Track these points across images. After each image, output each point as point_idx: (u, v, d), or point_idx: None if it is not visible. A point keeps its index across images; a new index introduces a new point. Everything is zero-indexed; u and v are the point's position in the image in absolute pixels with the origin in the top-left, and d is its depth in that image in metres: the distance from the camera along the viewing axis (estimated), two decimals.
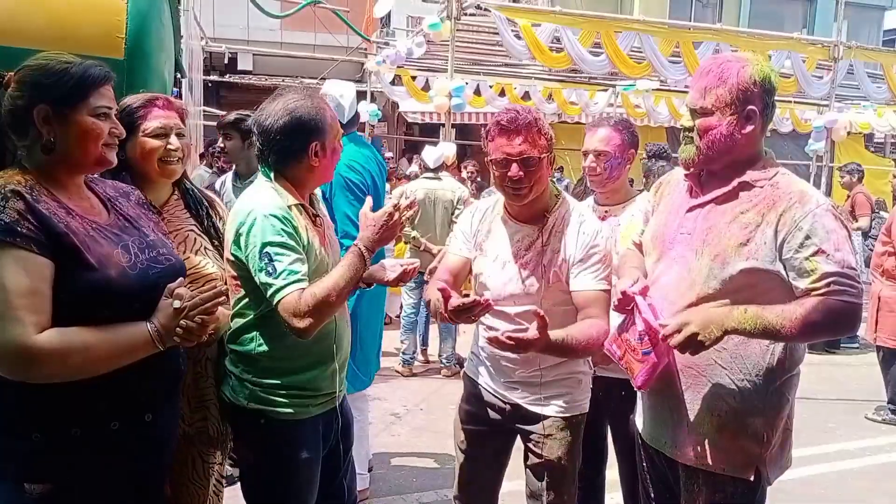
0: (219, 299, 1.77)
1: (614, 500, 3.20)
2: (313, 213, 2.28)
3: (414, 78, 12.94)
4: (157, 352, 1.74)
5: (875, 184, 10.21)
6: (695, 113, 2.08)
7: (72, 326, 1.64)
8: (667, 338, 1.95)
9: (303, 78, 15.38)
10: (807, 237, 1.93)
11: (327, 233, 2.35)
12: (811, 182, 10.22)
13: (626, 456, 2.79)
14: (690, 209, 2.15)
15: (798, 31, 12.49)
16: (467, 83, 10.95)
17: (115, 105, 1.81)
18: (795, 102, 13.22)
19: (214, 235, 2.36)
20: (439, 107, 8.95)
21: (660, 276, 2.18)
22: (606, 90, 14.04)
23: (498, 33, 9.65)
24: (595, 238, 2.36)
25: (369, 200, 2.33)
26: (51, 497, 1.69)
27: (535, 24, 9.37)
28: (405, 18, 15.04)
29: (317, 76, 14.86)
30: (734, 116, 2.01)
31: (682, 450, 2.13)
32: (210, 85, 15.11)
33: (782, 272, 1.97)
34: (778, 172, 2.06)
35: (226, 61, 14.74)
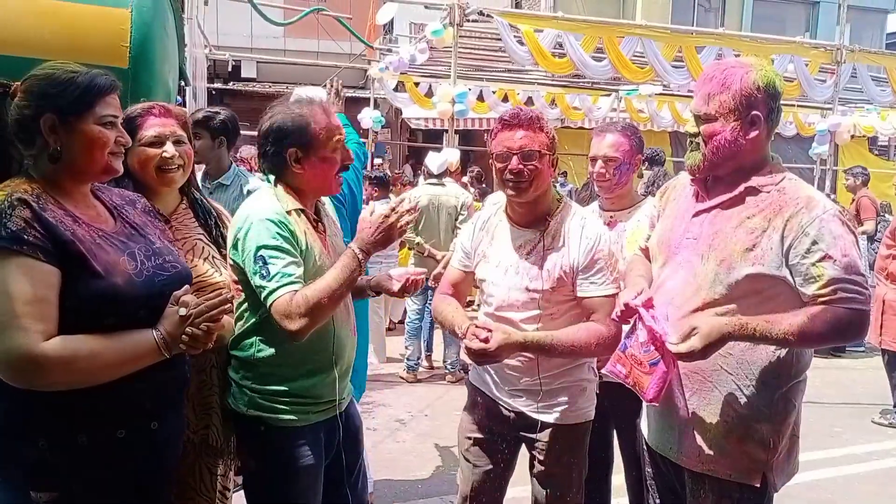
0: (224, 307, 1.77)
1: None
2: (314, 219, 2.28)
3: (417, 84, 12.96)
4: (163, 359, 1.74)
5: (879, 187, 10.18)
6: (699, 119, 2.08)
7: (78, 334, 1.64)
8: (683, 354, 1.94)
9: (306, 85, 15.44)
10: (813, 243, 1.92)
11: (332, 240, 2.34)
12: (815, 185, 10.22)
13: (633, 462, 2.79)
14: (696, 214, 2.15)
15: (801, 35, 12.52)
16: (470, 89, 10.95)
17: (120, 114, 1.82)
18: (799, 106, 13.20)
19: (223, 244, 2.36)
20: (442, 113, 8.97)
21: (665, 281, 2.18)
22: (609, 95, 14.05)
23: (500, 39, 9.66)
24: (598, 243, 2.36)
25: (372, 205, 2.33)
26: None
27: (538, 30, 9.38)
28: (408, 25, 15.07)
29: (320, 83, 14.92)
30: (738, 122, 2.01)
31: (688, 455, 2.12)
32: (214, 93, 15.16)
33: (789, 278, 1.97)
34: (785, 177, 2.06)
35: (229, 69, 14.78)
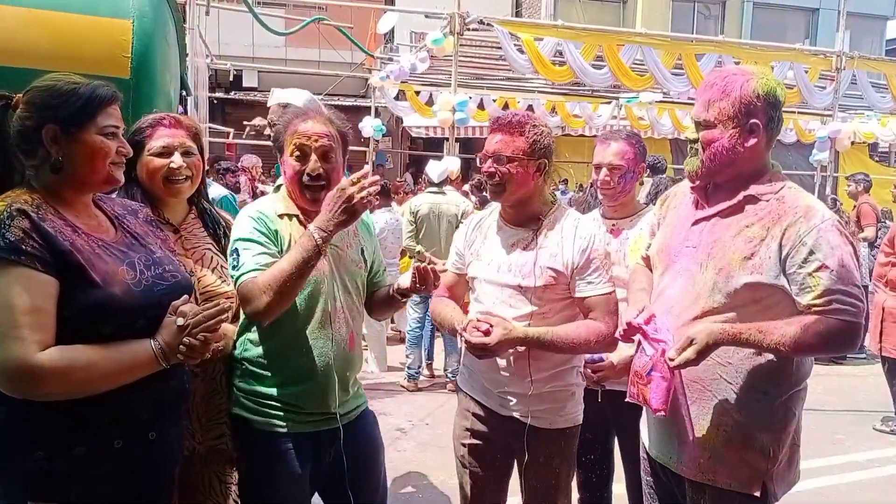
0: (221, 317, 1.77)
1: None
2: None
3: (418, 93, 13.01)
4: (162, 369, 1.74)
5: (880, 193, 10.18)
6: (699, 125, 2.09)
7: (76, 344, 1.64)
8: (679, 364, 1.94)
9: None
10: (811, 252, 1.92)
11: (335, 254, 2.27)
12: (816, 192, 10.23)
13: (634, 470, 2.78)
14: (696, 222, 2.15)
15: (800, 42, 12.54)
16: (471, 97, 11.00)
17: (122, 124, 1.83)
18: (799, 113, 13.24)
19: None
20: (443, 121, 9.01)
21: (665, 289, 2.18)
22: (610, 103, 14.09)
23: (501, 48, 9.71)
24: (592, 243, 2.39)
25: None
26: None
27: (538, 39, 9.43)
28: (408, 34, 15.11)
29: (321, 92, 14.94)
30: (736, 130, 2.02)
31: (688, 465, 2.11)
32: (216, 102, 15.20)
33: (787, 287, 1.96)
34: (784, 186, 2.06)
35: (231, 78, 14.81)
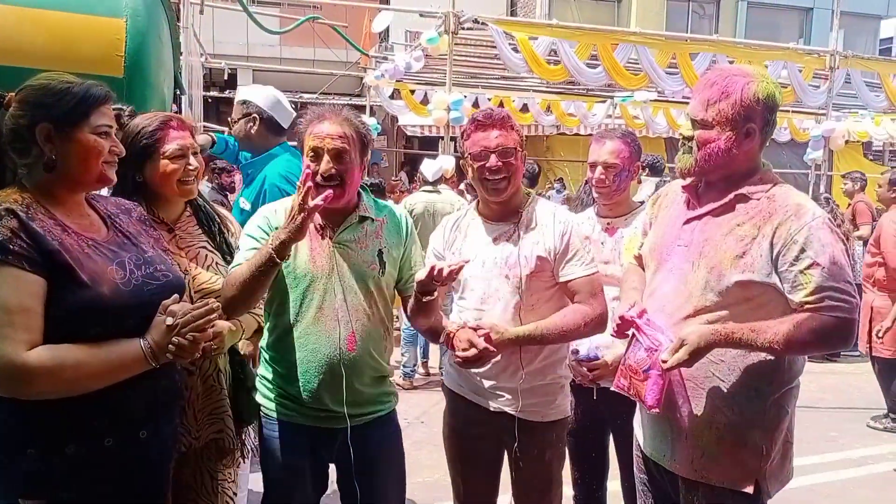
0: (210, 316, 1.77)
1: None
2: (319, 226, 2.28)
3: (413, 92, 12.99)
4: (152, 368, 1.75)
5: (875, 192, 10.22)
6: (695, 123, 2.09)
7: (64, 343, 1.64)
8: (672, 366, 1.95)
9: (302, 93, 15.44)
10: (802, 250, 1.92)
11: (344, 253, 2.27)
12: (810, 191, 10.26)
13: (629, 468, 2.79)
14: (687, 221, 2.15)
15: (794, 42, 12.57)
16: (466, 96, 10.97)
17: (115, 124, 1.83)
18: (793, 112, 13.25)
19: (227, 251, 2.38)
20: (438, 120, 8.99)
21: (657, 288, 2.19)
22: (605, 102, 14.09)
23: (495, 47, 9.70)
24: (570, 226, 2.46)
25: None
26: None
27: (533, 38, 9.43)
28: (403, 33, 15.09)
29: (316, 91, 14.93)
30: (733, 132, 2.01)
31: (681, 462, 2.12)
32: (210, 101, 15.15)
33: (779, 285, 1.97)
34: (775, 185, 2.07)
35: (225, 77, 14.77)
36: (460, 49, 11.02)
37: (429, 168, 6.51)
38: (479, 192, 2.52)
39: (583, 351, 2.73)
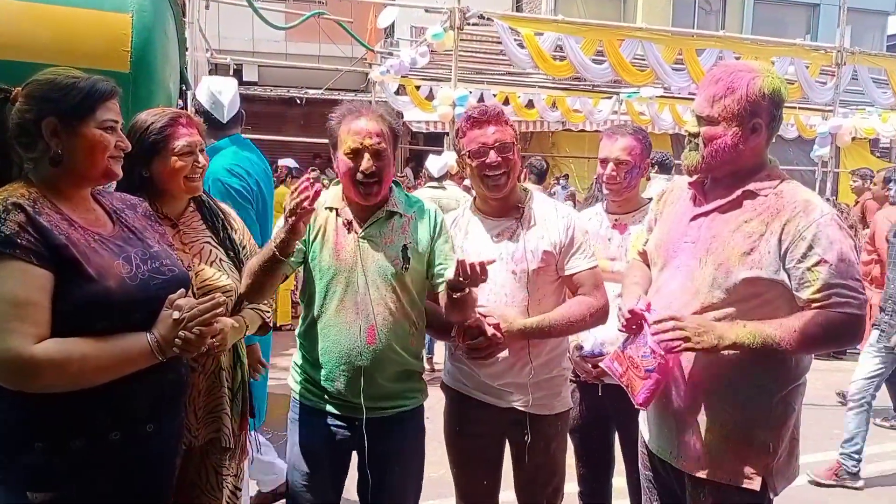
0: (217, 310, 1.78)
1: None
2: (347, 221, 2.32)
3: (418, 87, 12.97)
4: (158, 362, 1.75)
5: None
6: (701, 120, 2.07)
7: (71, 337, 1.65)
8: (658, 331, 1.99)
9: (308, 89, 15.45)
10: (810, 247, 1.91)
11: (368, 248, 2.30)
12: (817, 187, 10.22)
13: (634, 464, 2.79)
14: (694, 218, 2.15)
15: (801, 38, 12.51)
16: (471, 92, 10.96)
17: (121, 119, 1.83)
18: (800, 108, 13.19)
19: (230, 247, 2.38)
20: (443, 116, 8.99)
21: (664, 286, 2.18)
22: (610, 98, 14.05)
23: (501, 43, 9.68)
24: (572, 219, 2.50)
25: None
26: None
27: (538, 33, 9.39)
28: (409, 28, 15.07)
29: (321, 87, 14.92)
30: (740, 128, 2.00)
31: (687, 460, 2.11)
32: None
33: (786, 282, 1.96)
34: (783, 181, 2.06)
35: (231, 73, 14.79)
36: (466, 45, 10.98)
37: (434, 164, 6.50)
38: (478, 189, 2.52)
39: (587, 347, 2.73)
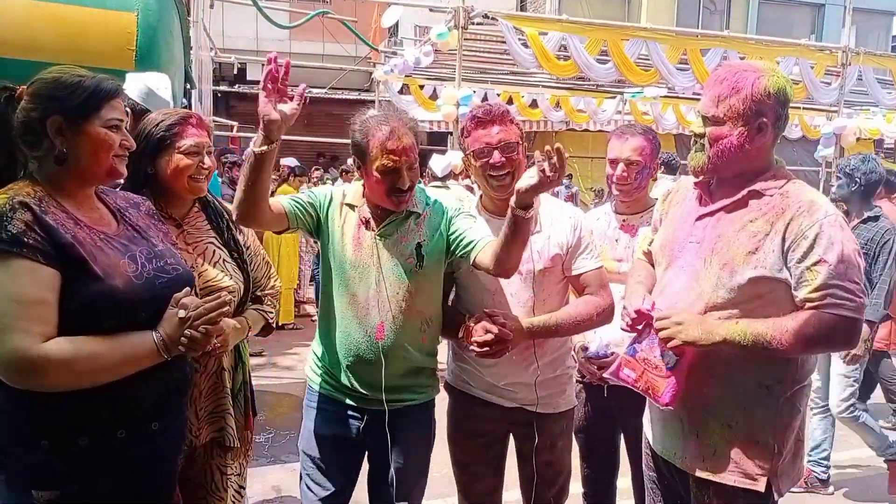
0: (223, 309, 1.78)
1: None
2: (364, 219, 2.34)
3: (422, 87, 12.98)
4: (164, 361, 1.75)
5: None
6: (706, 120, 2.06)
7: (78, 336, 1.65)
8: (659, 326, 2.00)
9: (312, 88, 15.44)
10: (811, 247, 1.91)
11: (384, 245, 2.31)
12: (821, 188, 10.19)
13: (639, 465, 2.78)
14: (700, 217, 2.14)
15: (806, 38, 12.47)
16: (475, 92, 10.97)
17: (125, 118, 1.83)
18: (805, 109, 13.18)
19: (234, 247, 2.38)
20: (447, 115, 8.98)
21: (668, 285, 2.17)
22: (614, 97, 14.05)
23: (505, 42, 9.68)
24: (581, 221, 2.50)
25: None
26: (58, 503, 1.70)
27: (542, 33, 9.39)
28: (413, 28, 15.10)
29: (325, 86, 14.93)
30: (745, 127, 1.99)
31: (692, 461, 2.11)
32: (220, 95, 15.18)
33: (789, 280, 1.96)
34: (788, 181, 2.05)
35: (235, 72, 14.83)
36: (470, 44, 11.00)
37: (438, 163, 6.49)
38: (484, 188, 2.51)
39: (592, 348, 2.72)
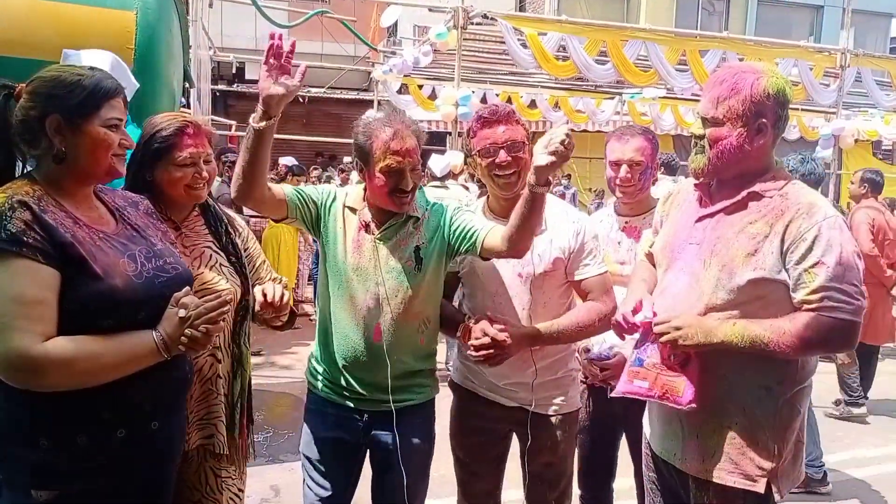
0: (223, 308, 1.78)
1: None
2: (364, 222, 2.34)
3: (420, 87, 12.99)
4: (164, 360, 1.75)
5: (885, 191, 10.15)
6: (706, 122, 2.06)
7: (77, 335, 1.64)
8: (654, 328, 2.00)
9: (310, 87, 15.43)
10: (809, 249, 1.91)
11: (383, 249, 2.32)
12: (818, 190, 10.20)
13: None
14: (700, 219, 2.14)
15: (805, 39, 12.51)
16: (474, 92, 10.96)
17: (125, 117, 1.82)
18: (803, 110, 13.19)
19: (232, 252, 2.37)
20: (446, 115, 9.00)
21: (668, 287, 2.17)
22: (613, 98, 14.05)
23: (504, 42, 9.69)
24: (583, 225, 2.47)
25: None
26: (57, 503, 1.69)
27: (542, 33, 9.41)
28: (412, 28, 15.08)
29: (324, 85, 14.92)
30: (745, 128, 1.99)
31: (692, 462, 2.11)
32: (218, 94, 15.19)
33: (788, 282, 1.95)
34: (788, 182, 2.05)
35: (234, 71, 14.82)
36: (469, 44, 11.00)
37: (437, 163, 6.49)
38: (490, 188, 2.50)
39: (595, 350, 2.71)
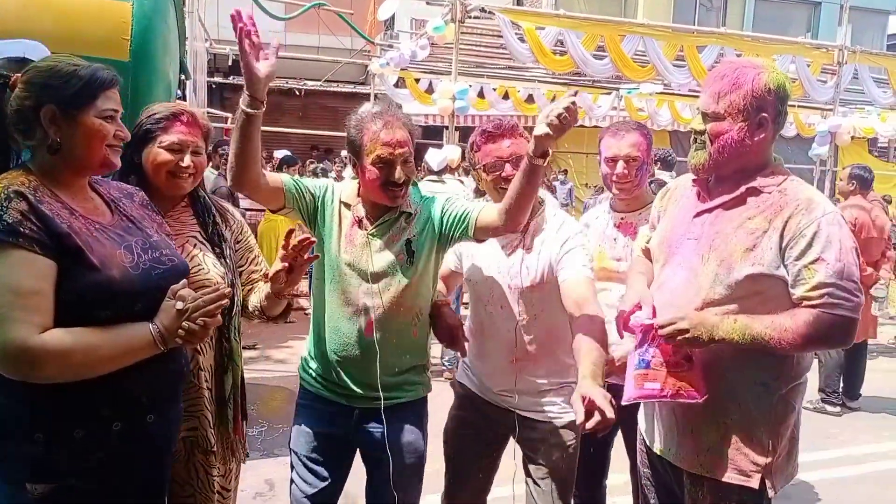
0: (221, 301, 1.77)
1: None
2: (358, 218, 2.34)
3: (417, 80, 12.97)
4: (160, 353, 1.74)
5: (879, 189, 10.20)
6: (706, 117, 2.06)
7: (74, 327, 1.63)
8: (660, 331, 1.98)
9: (307, 80, 15.41)
10: (809, 245, 1.91)
11: (375, 244, 2.32)
12: (814, 186, 10.22)
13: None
14: (698, 214, 2.14)
15: (802, 36, 12.51)
16: (471, 86, 10.95)
17: (120, 108, 1.81)
18: (800, 107, 13.20)
19: (217, 243, 2.34)
20: (443, 109, 8.97)
21: (666, 282, 2.17)
22: (610, 93, 14.04)
23: (502, 36, 9.67)
24: (573, 234, 2.42)
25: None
26: (52, 497, 1.69)
27: (539, 28, 9.38)
28: (409, 21, 15.04)
29: (320, 78, 14.89)
30: (745, 123, 1.99)
31: (686, 457, 2.11)
32: (214, 87, 15.15)
33: (787, 278, 1.95)
34: (787, 179, 2.05)
35: (230, 63, 14.73)
36: (466, 38, 10.95)
37: (434, 158, 6.47)
38: (495, 201, 2.47)
39: None
